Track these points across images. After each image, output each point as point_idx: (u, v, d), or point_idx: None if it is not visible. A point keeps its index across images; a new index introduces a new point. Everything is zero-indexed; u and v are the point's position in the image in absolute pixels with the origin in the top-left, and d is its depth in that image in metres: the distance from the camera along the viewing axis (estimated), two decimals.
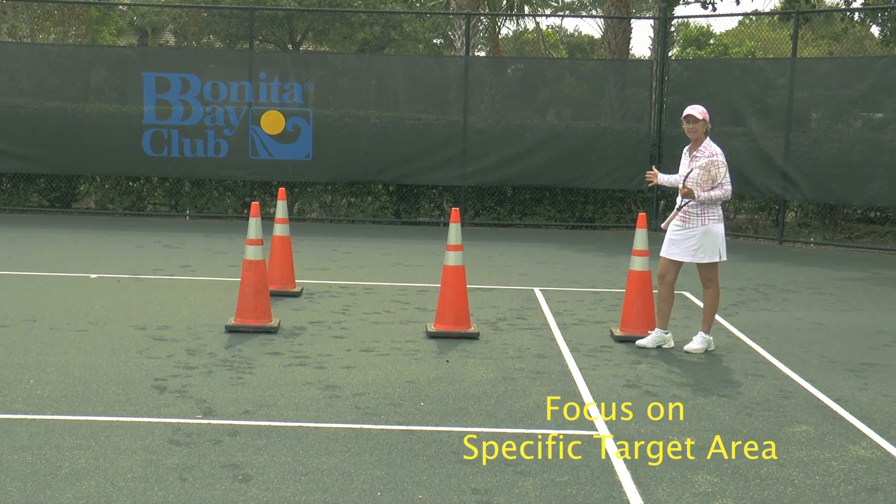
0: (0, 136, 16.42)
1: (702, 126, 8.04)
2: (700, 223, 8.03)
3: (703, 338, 8.23)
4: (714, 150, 8.05)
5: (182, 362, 7.30)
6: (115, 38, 29.79)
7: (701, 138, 8.07)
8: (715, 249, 8.05)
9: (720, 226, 8.07)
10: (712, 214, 8.04)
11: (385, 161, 16.57)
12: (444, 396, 6.66)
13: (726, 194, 8.00)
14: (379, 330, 8.61)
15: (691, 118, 8.03)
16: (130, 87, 17.07)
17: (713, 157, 7.99)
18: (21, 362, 7.14)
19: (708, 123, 8.09)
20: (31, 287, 10.01)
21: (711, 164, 7.96)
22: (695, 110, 8.06)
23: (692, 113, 8.04)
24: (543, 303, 10.07)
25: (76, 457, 5.30)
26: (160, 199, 17.31)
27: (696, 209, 8.04)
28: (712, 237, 8.03)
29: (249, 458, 5.39)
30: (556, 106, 18.76)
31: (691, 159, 8.11)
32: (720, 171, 7.97)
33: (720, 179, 7.97)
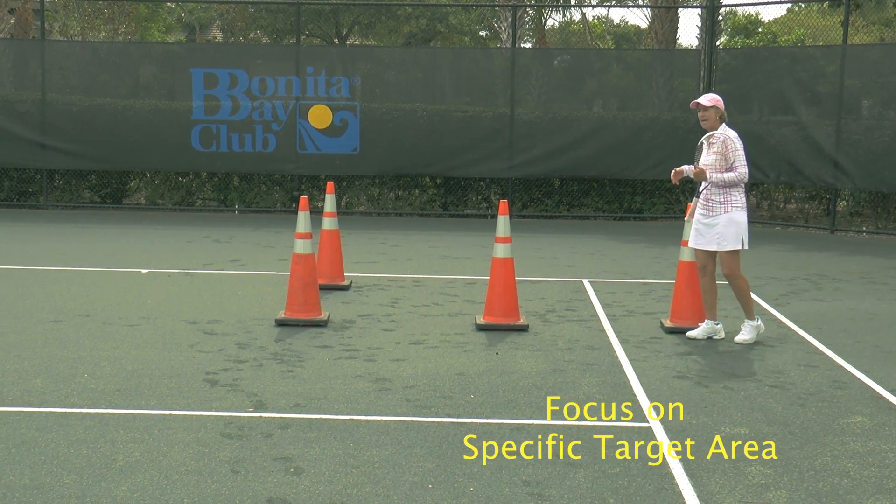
0: (52, 133, 16.64)
1: (713, 113, 7.92)
2: (723, 210, 7.92)
3: (751, 325, 8.14)
4: (729, 133, 7.92)
5: (233, 356, 7.36)
6: (164, 35, 30.07)
7: (715, 125, 7.95)
8: (738, 237, 7.94)
9: (743, 213, 7.96)
10: (735, 202, 7.92)
11: (432, 154, 16.58)
12: (494, 389, 6.66)
13: (741, 176, 7.85)
14: (428, 322, 8.62)
15: (700, 107, 7.95)
16: (179, 83, 17.22)
17: (727, 138, 7.86)
18: (75, 356, 7.23)
19: (721, 110, 7.96)
20: (83, 282, 10.14)
21: (725, 147, 7.84)
22: (703, 98, 7.97)
23: (700, 101, 7.96)
24: (592, 294, 10.03)
25: (130, 450, 5.36)
26: (209, 194, 17.46)
27: (719, 196, 7.92)
28: (735, 225, 7.92)
29: (301, 450, 5.42)
30: (603, 97, 18.66)
31: (708, 146, 8.00)
32: (735, 153, 7.83)
33: (734, 161, 7.84)
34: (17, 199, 17.25)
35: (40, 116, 16.67)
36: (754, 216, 17.12)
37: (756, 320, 8.17)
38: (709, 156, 7.96)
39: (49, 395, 6.30)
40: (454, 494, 4.87)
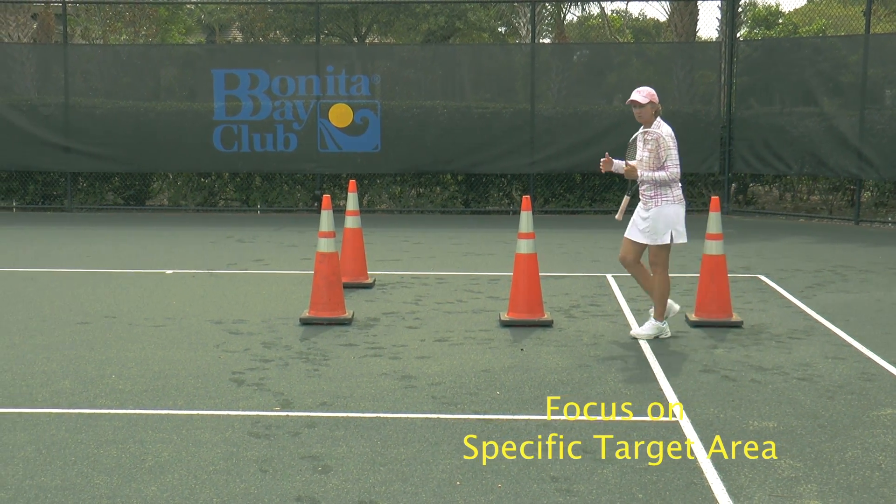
0: (76, 136, 16.74)
1: (649, 109, 7.80)
2: (654, 204, 7.83)
3: (653, 324, 7.96)
4: (663, 130, 7.80)
5: (258, 355, 7.38)
6: (184, 37, 30.19)
7: (650, 120, 7.84)
8: (665, 231, 7.81)
9: (675, 207, 7.82)
10: (665, 196, 7.80)
11: (453, 151, 16.57)
12: (519, 385, 6.65)
13: (671, 176, 7.73)
14: (452, 319, 8.62)
15: (635, 104, 7.82)
16: (200, 84, 17.28)
17: (660, 136, 7.74)
18: (102, 358, 7.27)
19: (657, 105, 7.84)
20: (109, 284, 10.19)
21: (658, 145, 7.74)
22: (638, 94, 7.82)
23: (634, 98, 7.82)
24: (616, 289, 10.00)
25: (159, 450, 5.38)
26: (231, 195, 17.52)
27: (650, 191, 7.83)
28: (664, 218, 7.80)
29: (328, 449, 5.43)
30: (623, 91, 18.57)
31: (643, 143, 7.88)
32: (667, 152, 7.71)
33: (665, 160, 7.73)
34: (41, 202, 17.36)
35: (64, 120, 16.77)
36: (778, 208, 17.04)
37: (664, 324, 7.97)
38: (643, 152, 7.85)
39: (78, 396, 6.34)
40: (482, 491, 4.87)
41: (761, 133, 16.22)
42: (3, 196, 17.34)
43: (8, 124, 16.67)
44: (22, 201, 17.28)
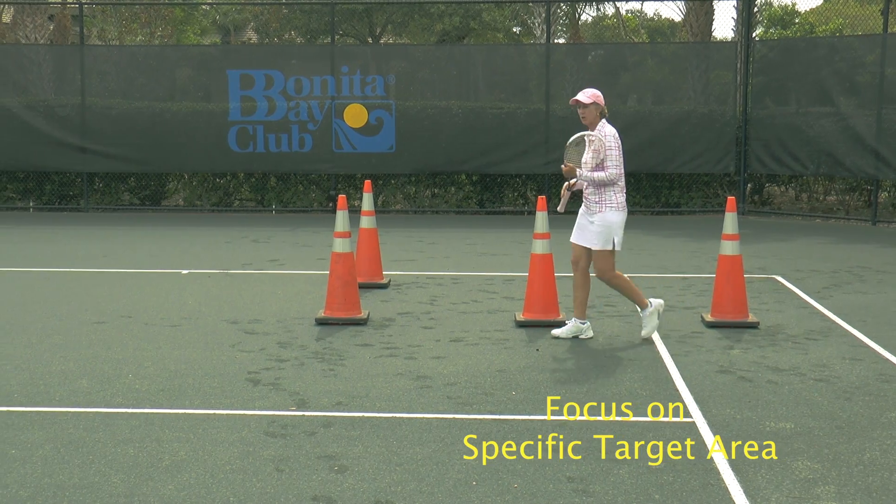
0: (92, 136, 16.81)
1: (594, 110, 7.73)
2: (598, 210, 7.76)
3: (649, 311, 7.92)
4: (606, 131, 7.73)
5: (274, 355, 7.39)
6: (199, 38, 30.26)
7: (595, 122, 7.77)
8: (608, 238, 7.76)
9: (617, 213, 7.76)
10: (610, 202, 7.73)
11: (468, 151, 16.57)
12: (535, 385, 6.64)
13: (610, 177, 7.64)
14: (467, 320, 8.62)
15: (579, 104, 7.75)
16: (215, 84, 17.33)
17: (603, 137, 7.68)
18: (119, 357, 7.29)
19: (601, 106, 7.76)
20: (125, 284, 10.23)
21: (600, 145, 7.68)
22: (582, 95, 7.75)
23: (578, 98, 7.75)
24: None
25: (176, 449, 5.40)
26: (246, 195, 17.56)
27: (595, 196, 7.77)
28: (607, 225, 7.74)
29: (344, 448, 5.43)
30: (638, 91, 18.58)
31: (588, 143, 7.82)
32: (608, 152, 7.64)
33: (605, 160, 7.66)
34: (58, 202, 17.43)
35: (80, 120, 16.84)
36: (794, 209, 16.98)
37: (650, 305, 7.92)
38: (588, 153, 7.78)
39: (95, 395, 6.36)
40: (498, 491, 4.87)
41: (777, 133, 16.17)
42: (21, 196, 17.42)
43: (25, 125, 16.75)
44: (39, 201, 17.36)
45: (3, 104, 16.91)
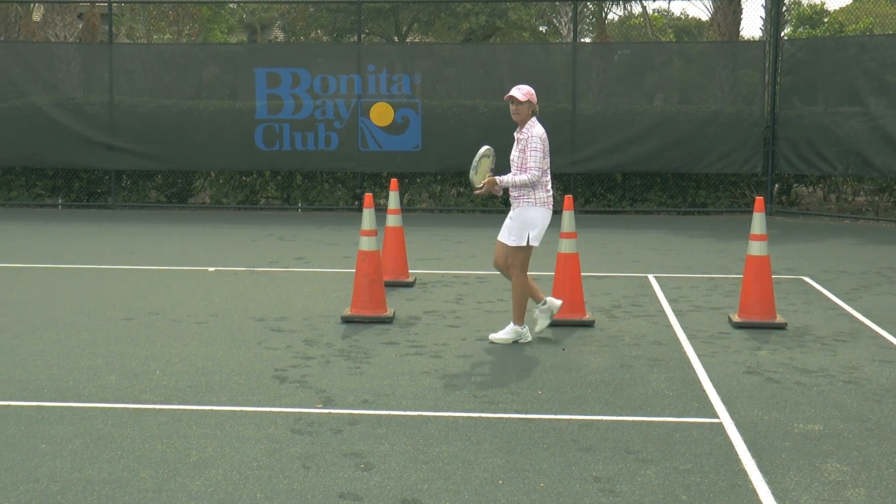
0: (120, 134, 16.90)
1: (526, 107, 7.61)
2: (517, 205, 7.66)
3: (512, 329, 7.78)
4: (534, 131, 7.63)
5: (300, 353, 7.41)
6: (226, 36, 30.38)
7: (525, 119, 7.66)
8: (522, 234, 7.61)
9: (536, 210, 7.61)
10: (527, 198, 7.62)
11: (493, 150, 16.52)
12: (561, 385, 6.63)
13: (532, 178, 7.51)
14: (493, 319, 8.61)
15: (513, 99, 7.63)
16: (241, 83, 17.40)
17: (529, 138, 7.59)
18: (147, 354, 7.33)
19: (534, 104, 7.66)
20: (152, 281, 10.28)
21: (526, 145, 7.60)
22: (518, 91, 7.63)
23: (514, 94, 7.62)
24: (658, 289, 9.95)
25: (203, 445, 5.42)
26: (272, 193, 17.61)
27: (515, 192, 7.67)
28: (523, 220, 7.62)
29: (370, 446, 5.44)
30: (664, 90, 18.50)
31: (516, 142, 7.73)
32: (532, 153, 7.55)
33: (529, 161, 7.56)
34: (86, 199, 17.55)
35: (108, 118, 16.95)
36: (822, 209, 16.86)
37: (523, 328, 7.79)
38: (515, 151, 7.70)
39: (123, 391, 6.40)
40: (525, 490, 4.86)
41: (805, 133, 16.07)
42: (49, 193, 17.55)
43: (54, 123, 16.87)
44: (67, 199, 17.48)
45: (33, 102, 17.03)
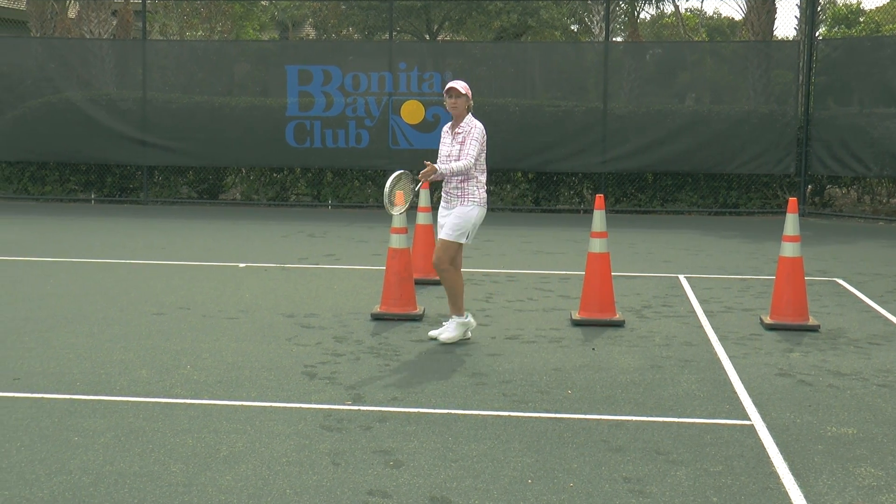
0: (152, 130, 17.01)
1: (464, 102, 7.54)
2: (460, 203, 7.60)
3: (457, 321, 7.69)
4: (477, 124, 7.58)
5: (330, 349, 7.42)
6: (258, 33, 30.49)
7: (463, 114, 7.58)
8: (464, 230, 7.57)
9: (478, 209, 7.59)
10: (472, 196, 7.58)
11: (524, 148, 16.53)
12: (591, 384, 6.61)
13: (466, 165, 7.45)
14: (523, 317, 8.59)
15: (454, 91, 7.52)
16: (273, 80, 17.47)
17: (473, 129, 7.53)
18: (178, 348, 7.37)
19: (470, 100, 7.59)
20: (183, 276, 10.33)
21: (469, 137, 7.51)
22: (458, 84, 7.55)
23: (454, 86, 7.53)
24: (689, 290, 9.89)
25: (233, 440, 5.44)
26: (303, 190, 17.66)
27: (457, 190, 7.60)
28: (466, 218, 7.57)
29: (399, 444, 5.44)
30: (696, 90, 18.40)
31: (453, 137, 7.64)
32: (470, 144, 7.48)
33: (465, 149, 7.49)
34: (118, 194, 17.67)
35: (141, 114, 17.05)
36: (856, 211, 16.72)
37: (465, 316, 7.73)
38: (452, 146, 7.62)
39: (154, 385, 6.44)
40: (554, 490, 4.84)
41: (840, 134, 15.93)
42: (83, 188, 17.69)
43: (88, 118, 17.00)
44: (100, 193, 17.61)
45: (68, 98, 17.17)
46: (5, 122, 17.31)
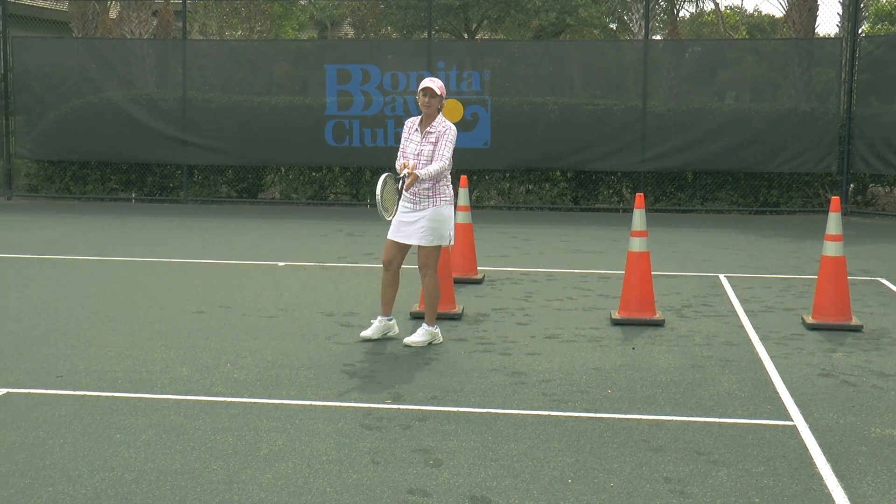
0: (192, 129, 17.13)
1: (437, 102, 7.43)
2: (431, 204, 7.48)
3: (427, 330, 7.58)
4: (450, 125, 7.51)
5: (369, 348, 7.44)
6: (297, 33, 30.62)
7: (434, 114, 7.48)
8: (443, 233, 7.51)
9: (451, 208, 7.53)
10: (444, 195, 7.49)
11: (563, 147, 16.48)
12: (631, 384, 6.57)
13: (443, 166, 7.38)
14: (562, 317, 8.56)
15: (429, 91, 7.40)
16: (312, 79, 17.53)
17: (447, 130, 7.45)
18: (218, 347, 7.41)
19: (443, 101, 7.48)
20: (223, 275, 10.40)
21: (445, 138, 7.42)
22: (434, 84, 7.43)
23: (430, 86, 7.40)
24: (729, 289, 9.82)
25: (273, 438, 5.46)
26: (342, 189, 17.71)
27: (427, 190, 7.47)
28: (440, 219, 7.48)
29: (439, 443, 5.44)
30: (736, 88, 18.26)
31: (423, 136, 7.50)
32: (447, 144, 7.41)
33: (442, 150, 7.39)
34: (158, 193, 17.81)
35: (181, 114, 17.18)
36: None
37: (435, 328, 7.62)
38: (423, 145, 7.47)
39: (195, 383, 6.48)
40: (594, 490, 4.82)
41: (882, 132, 15.75)
42: (123, 187, 17.85)
43: (129, 118, 17.15)
44: (140, 192, 17.76)
45: (109, 97, 17.33)
46: (48, 121, 17.50)
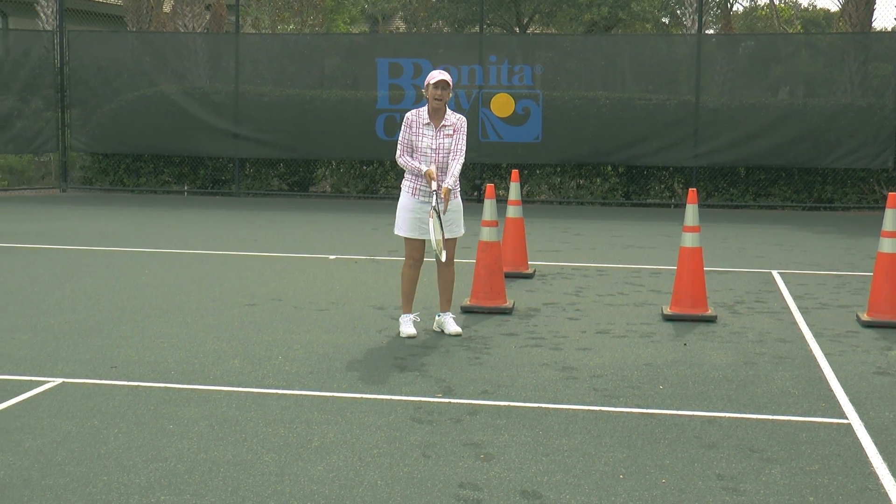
0: (244, 123, 17.26)
1: (448, 95, 7.35)
2: (453, 196, 7.49)
3: (454, 318, 7.73)
4: (458, 116, 7.45)
5: (420, 342, 7.45)
6: (348, 27, 30.73)
7: (444, 107, 7.40)
8: (462, 222, 7.63)
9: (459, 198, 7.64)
10: (459, 186, 7.61)
11: (614, 142, 16.39)
12: (683, 380, 6.52)
13: (462, 162, 7.44)
14: (613, 312, 8.52)
15: (445, 84, 7.28)
16: (363, 73, 17.59)
17: (462, 122, 7.42)
18: (270, 339, 7.46)
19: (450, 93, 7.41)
20: (275, 268, 10.47)
21: (457, 129, 7.38)
22: (447, 76, 7.32)
23: (446, 79, 7.29)
24: (782, 286, 9.71)
25: (325, 431, 5.49)
26: (392, 182, 17.74)
27: (456, 185, 7.53)
28: (460, 210, 7.59)
29: (490, 437, 5.43)
30: (790, 83, 18.04)
31: (438, 130, 7.38)
32: (464, 136, 7.41)
33: (460, 144, 7.38)
34: (211, 186, 17.97)
35: (234, 107, 17.32)
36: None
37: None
38: (441, 139, 7.38)
39: (247, 375, 6.53)
40: (646, 486, 4.79)
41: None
42: (176, 180, 18.03)
43: (182, 111, 17.32)
44: (193, 185, 17.93)
45: (163, 91, 17.52)
46: (102, 115, 17.73)
